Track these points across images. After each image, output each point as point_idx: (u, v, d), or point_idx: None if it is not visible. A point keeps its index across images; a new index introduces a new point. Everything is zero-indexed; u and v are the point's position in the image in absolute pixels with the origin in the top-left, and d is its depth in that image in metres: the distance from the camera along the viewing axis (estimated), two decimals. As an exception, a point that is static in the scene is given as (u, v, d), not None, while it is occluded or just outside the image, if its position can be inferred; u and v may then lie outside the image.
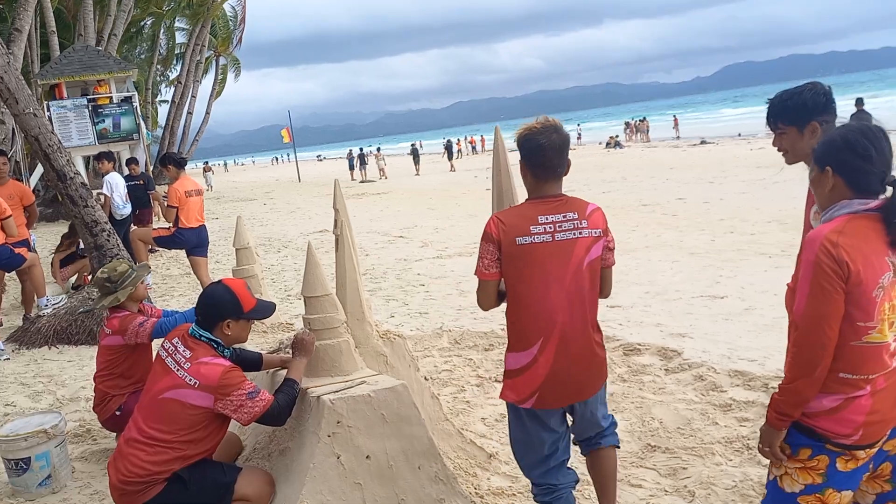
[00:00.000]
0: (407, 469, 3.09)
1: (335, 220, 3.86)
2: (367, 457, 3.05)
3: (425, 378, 4.28)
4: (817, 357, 2.03)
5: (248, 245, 4.78)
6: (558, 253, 2.75)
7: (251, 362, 3.56)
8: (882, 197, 2.06)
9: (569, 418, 2.99)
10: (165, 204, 7.68)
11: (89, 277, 9.20)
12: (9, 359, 6.67)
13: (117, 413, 4.28)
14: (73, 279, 9.47)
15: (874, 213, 2.04)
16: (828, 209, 2.13)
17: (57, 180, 7.61)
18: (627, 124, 55.97)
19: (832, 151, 2.09)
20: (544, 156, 2.83)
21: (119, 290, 4.24)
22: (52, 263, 9.52)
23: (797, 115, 2.65)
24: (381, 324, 4.29)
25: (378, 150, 42.96)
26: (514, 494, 3.66)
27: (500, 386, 5.09)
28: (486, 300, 2.87)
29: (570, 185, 21.97)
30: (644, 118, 55.25)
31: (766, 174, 18.23)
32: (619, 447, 3.10)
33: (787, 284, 2.23)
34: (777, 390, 2.15)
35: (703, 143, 36.76)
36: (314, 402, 3.13)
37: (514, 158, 3.07)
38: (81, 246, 9.34)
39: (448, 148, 40.86)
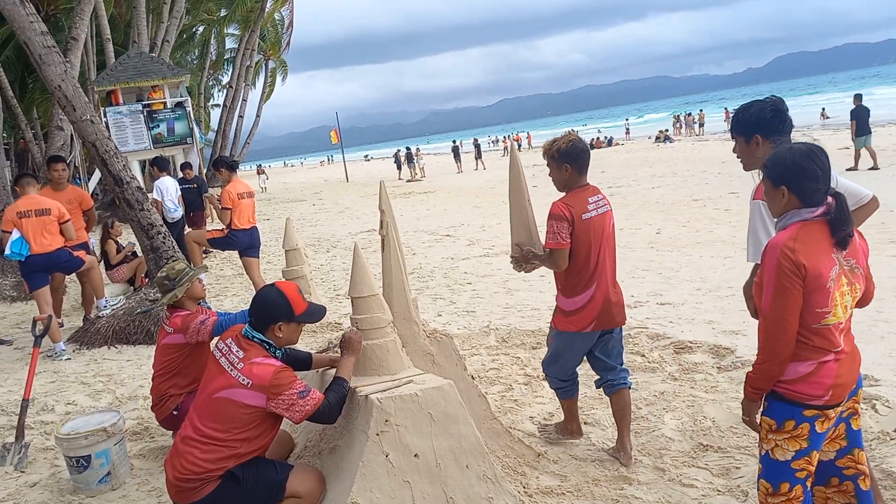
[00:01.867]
0: (455, 467, 3.10)
1: (381, 221, 3.90)
2: (415, 455, 3.07)
3: (472, 377, 4.28)
4: (781, 343, 2.47)
5: (297, 246, 4.85)
6: (601, 223, 3.87)
7: (301, 362, 3.62)
8: (825, 204, 2.48)
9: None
10: (219, 206, 7.84)
11: (146, 279, 9.45)
12: (70, 359, 6.90)
13: (174, 413, 4.38)
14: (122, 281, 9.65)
15: (821, 219, 2.48)
16: (782, 217, 2.55)
17: (114, 185, 7.83)
18: (677, 118, 54.99)
19: (786, 175, 2.50)
20: (586, 157, 3.92)
21: (177, 287, 4.39)
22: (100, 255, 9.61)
23: (744, 127, 3.17)
24: (428, 323, 4.31)
25: (417, 149, 44.01)
26: (563, 494, 3.64)
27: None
28: (563, 262, 3.82)
29: (619, 181, 21.83)
30: (701, 110, 54.17)
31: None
32: (631, 387, 4.16)
33: (755, 280, 2.63)
34: (752, 369, 2.58)
35: (755, 135, 35.85)
36: (363, 401, 3.17)
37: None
38: (125, 245, 9.57)
39: (456, 150, 40.91)
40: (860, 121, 17.43)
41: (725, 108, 55.07)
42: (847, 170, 16.93)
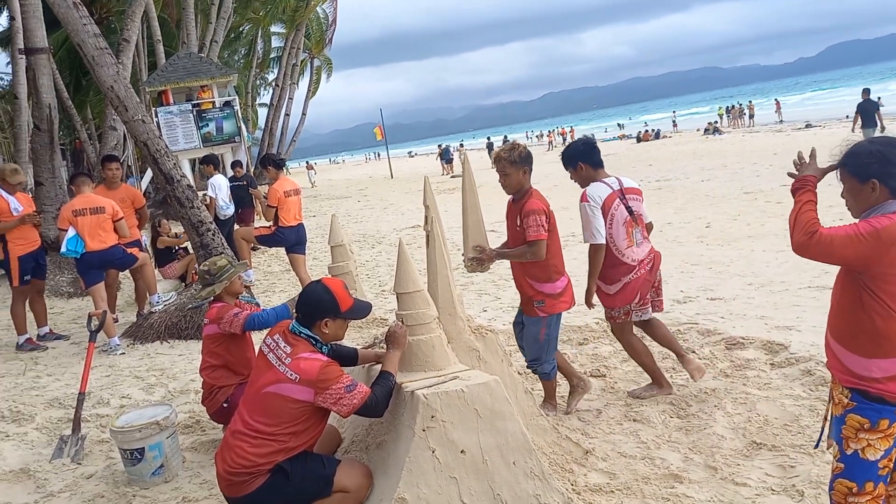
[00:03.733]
0: (502, 464, 3.08)
1: (426, 217, 3.90)
2: (461, 451, 3.06)
3: (519, 373, 4.25)
4: (797, 233, 2.50)
5: (343, 242, 4.88)
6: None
7: (347, 357, 3.63)
8: None
9: None
10: (266, 203, 7.94)
11: (196, 276, 9.64)
12: (124, 353, 7.07)
13: (224, 405, 4.46)
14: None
15: None
16: (872, 209, 2.50)
17: (165, 183, 7.99)
18: (729, 110, 53.88)
19: (874, 167, 2.47)
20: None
21: (216, 282, 4.47)
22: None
23: (570, 160, 4.74)
24: (473, 318, 4.29)
25: (461, 145, 44.75)
26: (613, 492, 3.59)
27: (594, 381, 5.04)
28: (544, 252, 4.37)
29: (667, 174, 21.50)
30: (751, 101, 53.04)
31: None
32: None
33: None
34: (797, 197, 2.62)
35: (808, 126, 35.01)
36: (408, 397, 3.17)
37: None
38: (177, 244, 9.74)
39: (490, 147, 41.43)
40: (866, 115, 18.57)
41: (776, 100, 53.74)
42: None
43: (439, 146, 44.62)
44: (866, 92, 19.18)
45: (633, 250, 4.58)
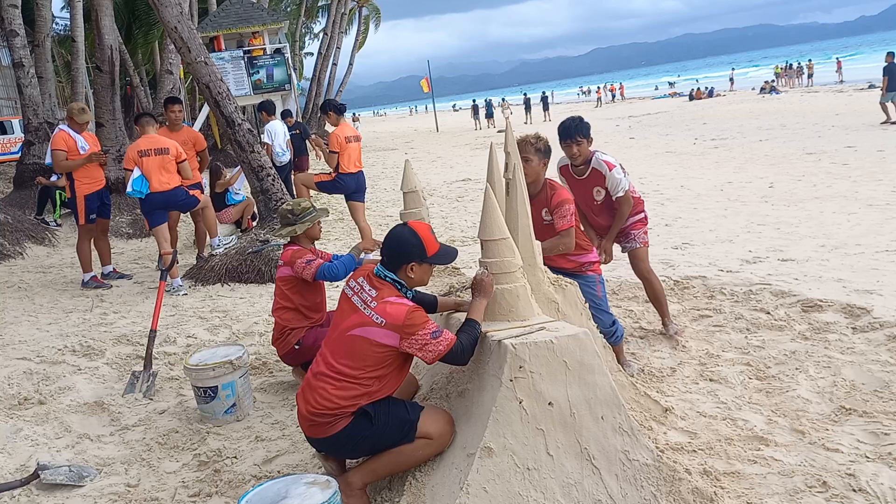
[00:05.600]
0: (590, 418, 3.00)
1: (506, 164, 3.77)
2: (549, 403, 2.97)
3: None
4: None
5: (416, 188, 4.77)
6: None
7: (427, 304, 3.56)
8: None
9: None
10: (327, 149, 7.86)
11: (253, 221, 9.67)
12: (186, 294, 7.15)
13: (296, 347, 4.46)
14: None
15: None
16: None
17: (226, 126, 7.97)
18: (786, 69, 52.10)
19: None
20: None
21: (298, 223, 4.48)
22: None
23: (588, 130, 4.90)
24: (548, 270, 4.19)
25: (503, 100, 44.35)
26: (695, 451, 3.50)
27: (665, 339, 4.94)
28: (574, 240, 4.48)
29: (722, 133, 20.99)
30: (810, 60, 51.21)
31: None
32: None
33: None
34: None
35: (871, 87, 33.53)
36: (495, 346, 3.08)
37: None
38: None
39: (527, 103, 41.33)
40: (893, 77, 18.62)
41: (837, 59, 51.76)
42: (881, 123, 18.12)
43: (473, 101, 44.48)
44: (891, 55, 19.14)
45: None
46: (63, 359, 5.30)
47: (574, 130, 4.81)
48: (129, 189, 7.01)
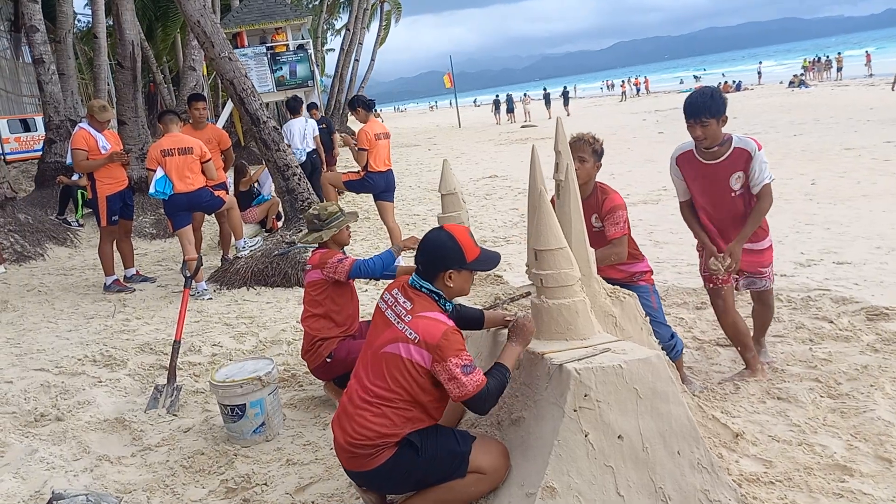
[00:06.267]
0: (664, 453, 2.67)
1: (556, 164, 3.44)
2: (618, 437, 2.65)
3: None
4: None
5: (455, 191, 4.47)
6: None
7: (473, 320, 3.25)
8: None
9: None
10: (355, 147, 7.55)
11: (278, 221, 9.40)
12: (211, 298, 6.89)
13: (328, 360, 4.17)
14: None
15: None
16: None
17: (251, 124, 7.70)
18: (814, 62, 51.12)
19: None
20: None
21: (325, 229, 4.22)
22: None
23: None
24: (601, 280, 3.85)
25: (525, 94, 44.17)
26: (773, 483, 3.15)
27: (722, 350, 4.58)
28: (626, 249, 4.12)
29: (754, 127, 20.42)
30: (839, 54, 50.24)
31: None
32: None
33: None
34: None
35: (903, 80, 32.71)
36: (555, 371, 2.76)
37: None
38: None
39: (547, 98, 41.19)
40: None
41: (867, 52, 50.68)
42: None
43: (496, 96, 44.19)
44: None
45: None
46: (83, 369, 5.06)
47: (703, 108, 3.97)
48: (151, 190, 6.76)
